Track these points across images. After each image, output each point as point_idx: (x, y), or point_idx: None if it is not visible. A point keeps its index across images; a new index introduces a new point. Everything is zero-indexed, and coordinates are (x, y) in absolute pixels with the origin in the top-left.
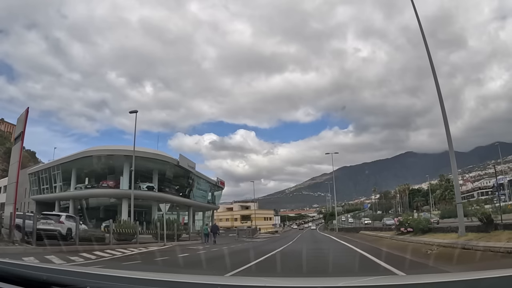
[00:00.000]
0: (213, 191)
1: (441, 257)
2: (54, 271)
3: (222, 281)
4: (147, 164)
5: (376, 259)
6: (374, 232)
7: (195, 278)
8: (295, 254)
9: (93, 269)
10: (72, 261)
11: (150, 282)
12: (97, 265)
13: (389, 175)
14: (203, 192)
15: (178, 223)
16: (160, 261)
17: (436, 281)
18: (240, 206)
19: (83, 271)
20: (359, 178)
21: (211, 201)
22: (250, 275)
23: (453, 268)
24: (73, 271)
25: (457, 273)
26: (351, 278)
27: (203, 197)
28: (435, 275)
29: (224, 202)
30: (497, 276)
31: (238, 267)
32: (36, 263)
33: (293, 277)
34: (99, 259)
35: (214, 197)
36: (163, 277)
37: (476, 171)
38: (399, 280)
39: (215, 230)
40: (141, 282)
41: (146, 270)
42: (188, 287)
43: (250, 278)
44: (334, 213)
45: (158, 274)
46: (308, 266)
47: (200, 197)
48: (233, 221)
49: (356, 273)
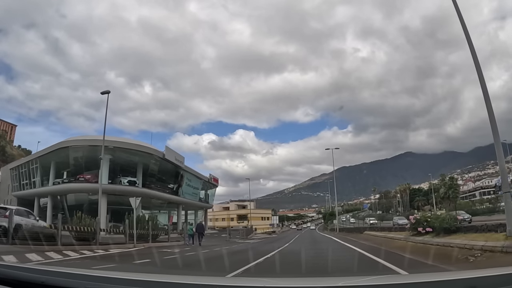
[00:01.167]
0: (206, 189)
1: (499, 265)
2: (51, 273)
3: (220, 282)
4: (130, 157)
5: (400, 269)
6: (382, 233)
7: (193, 279)
8: (292, 258)
9: (90, 271)
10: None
11: (147, 283)
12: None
13: (388, 175)
14: (194, 189)
15: (155, 221)
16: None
17: (435, 280)
18: (237, 206)
19: (80, 273)
20: (358, 178)
21: (204, 200)
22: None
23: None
24: (71, 273)
25: (458, 271)
26: (351, 278)
27: (194, 194)
28: (435, 273)
29: (222, 202)
30: (498, 274)
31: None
32: (33, 265)
33: (292, 277)
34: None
35: (207, 195)
36: (161, 279)
37: (475, 171)
38: (399, 279)
39: (201, 230)
40: (138, 283)
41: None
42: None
43: (250, 278)
44: (334, 213)
45: (156, 275)
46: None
47: (190, 194)
48: (230, 221)
49: (355, 273)
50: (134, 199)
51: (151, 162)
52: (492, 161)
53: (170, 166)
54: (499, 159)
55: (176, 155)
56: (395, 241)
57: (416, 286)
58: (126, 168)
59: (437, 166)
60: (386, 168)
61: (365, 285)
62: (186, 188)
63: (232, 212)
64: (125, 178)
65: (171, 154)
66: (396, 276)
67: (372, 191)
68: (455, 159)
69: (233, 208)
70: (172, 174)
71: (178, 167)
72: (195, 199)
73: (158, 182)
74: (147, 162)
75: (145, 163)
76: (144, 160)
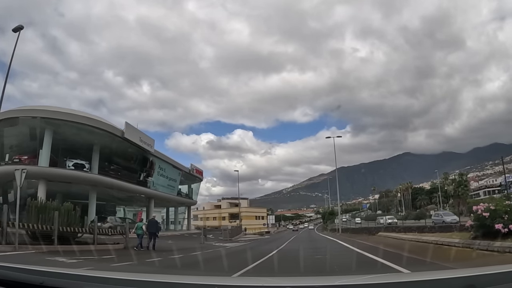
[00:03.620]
0: (189, 182)
1: None
2: (50, 274)
3: (218, 282)
4: (81, 135)
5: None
6: (410, 235)
7: (190, 279)
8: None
9: (89, 271)
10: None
11: (146, 283)
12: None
13: (386, 176)
14: (170, 181)
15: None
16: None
17: (435, 278)
18: (229, 204)
19: (79, 273)
20: (356, 179)
21: (187, 195)
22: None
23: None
24: (69, 274)
25: (458, 269)
26: (350, 276)
27: (171, 187)
28: (434, 272)
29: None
30: (497, 272)
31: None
32: (31, 266)
33: (291, 276)
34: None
35: (191, 189)
36: (158, 279)
37: (474, 172)
38: (398, 277)
39: (153, 230)
40: (137, 283)
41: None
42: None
43: (249, 278)
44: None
45: (154, 275)
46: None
47: (165, 187)
48: (221, 220)
49: (354, 272)
50: (20, 171)
51: (112, 143)
52: (490, 161)
53: (136, 150)
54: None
55: (141, 135)
56: (447, 249)
57: (415, 284)
58: (75, 148)
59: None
60: (384, 169)
61: (364, 283)
62: (159, 179)
63: (224, 210)
64: (72, 161)
65: (133, 134)
66: (396, 275)
67: (372, 191)
68: (453, 159)
69: (226, 206)
70: (138, 160)
71: (146, 152)
72: (172, 193)
73: (123, 169)
74: (107, 143)
75: (104, 144)
76: (102, 140)
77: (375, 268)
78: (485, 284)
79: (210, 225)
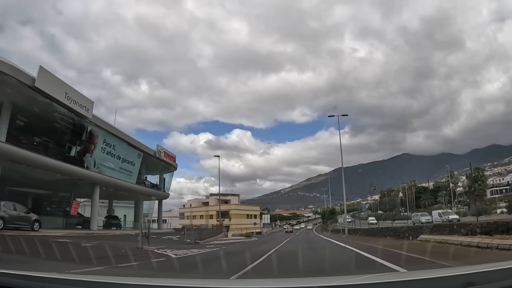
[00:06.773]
0: (162, 172)
1: None
2: (49, 279)
3: (216, 284)
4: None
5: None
6: (499, 240)
7: (191, 282)
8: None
9: (88, 276)
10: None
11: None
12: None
13: (384, 177)
14: (124, 163)
15: None
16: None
17: (432, 276)
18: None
19: (77, 278)
20: (354, 179)
21: (155, 185)
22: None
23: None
24: (68, 279)
25: (456, 267)
26: (347, 277)
27: (127, 172)
28: (432, 270)
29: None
30: (495, 269)
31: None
32: (30, 272)
33: (289, 278)
34: None
35: (163, 180)
36: (157, 283)
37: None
38: (396, 276)
39: None
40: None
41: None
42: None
43: (246, 280)
44: (337, 211)
45: (153, 279)
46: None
47: (116, 170)
48: (209, 219)
49: (352, 271)
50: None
51: (27, 99)
52: (489, 163)
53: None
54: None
55: (69, 90)
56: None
57: (413, 283)
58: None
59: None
60: (382, 169)
61: (362, 283)
62: (105, 158)
63: (212, 208)
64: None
65: (53, 85)
66: (393, 274)
67: (372, 191)
68: (452, 161)
69: (214, 203)
70: (72, 129)
71: (80, 117)
72: (129, 180)
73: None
74: (21, 100)
75: (16, 100)
76: (12, 94)
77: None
78: (484, 281)
79: (197, 224)
